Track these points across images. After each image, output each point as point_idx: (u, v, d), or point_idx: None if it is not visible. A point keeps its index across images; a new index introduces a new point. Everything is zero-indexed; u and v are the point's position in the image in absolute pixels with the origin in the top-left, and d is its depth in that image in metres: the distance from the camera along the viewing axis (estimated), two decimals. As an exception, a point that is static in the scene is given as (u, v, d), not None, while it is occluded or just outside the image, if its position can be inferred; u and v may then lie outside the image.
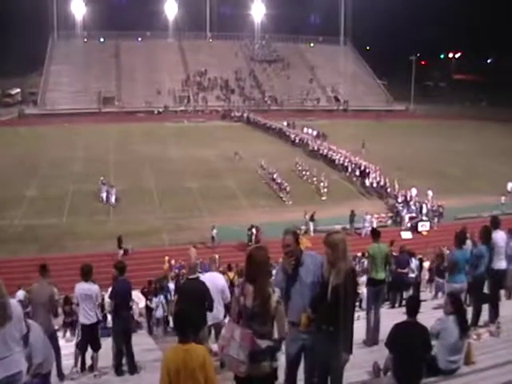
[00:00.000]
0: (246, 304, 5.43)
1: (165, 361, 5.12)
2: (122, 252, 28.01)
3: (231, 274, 16.62)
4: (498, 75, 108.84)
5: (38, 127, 61.39)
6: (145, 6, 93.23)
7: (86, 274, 9.58)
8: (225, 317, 10.18)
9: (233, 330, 5.44)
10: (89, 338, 9.72)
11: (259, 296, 5.35)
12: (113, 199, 35.53)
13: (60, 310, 16.35)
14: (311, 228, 30.65)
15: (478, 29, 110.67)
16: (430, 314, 10.31)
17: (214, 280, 9.82)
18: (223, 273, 17.17)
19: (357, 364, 7.94)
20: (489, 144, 57.13)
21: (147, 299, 17.16)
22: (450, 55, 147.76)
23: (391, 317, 10.16)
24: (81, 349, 9.83)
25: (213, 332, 10.03)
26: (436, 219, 33.87)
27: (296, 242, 6.00)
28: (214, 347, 8.49)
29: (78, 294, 9.62)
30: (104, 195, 35.75)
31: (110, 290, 10.24)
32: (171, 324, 15.53)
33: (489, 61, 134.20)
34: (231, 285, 15.44)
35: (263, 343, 5.35)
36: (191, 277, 9.55)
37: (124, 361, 9.87)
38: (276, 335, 5.48)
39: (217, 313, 9.83)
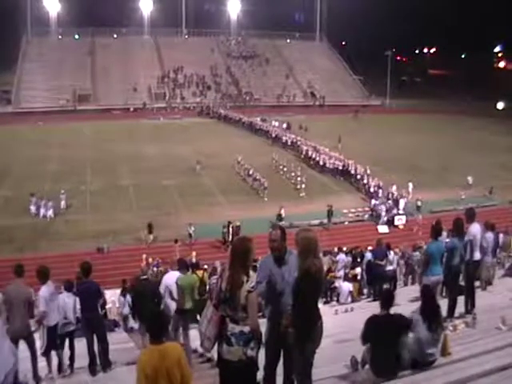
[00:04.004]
0: (221, 287, 5.68)
1: (140, 364, 5.14)
2: (151, 237, 28.93)
3: (200, 272, 15.97)
4: (471, 70, 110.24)
5: (12, 126, 60.39)
6: (120, 2, 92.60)
7: (44, 277, 9.39)
8: None
9: (207, 308, 5.78)
10: (55, 338, 9.57)
11: (230, 282, 5.57)
12: (49, 213, 32.24)
13: (36, 311, 16.18)
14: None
15: (451, 24, 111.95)
16: (408, 306, 10.35)
17: (175, 278, 10.92)
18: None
19: (334, 358, 7.95)
20: (464, 138, 57.83)
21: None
22: (425, 50, 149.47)
23: (371, 310, 10.18)
24: (48, 352, 9.58)
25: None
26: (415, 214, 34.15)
27: (283, 238, 6.09)
28: None
29: (45, 297, 9.31)
30: (33, 208, 32.47)
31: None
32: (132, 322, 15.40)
33: (463, 56, 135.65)
34: (200, 283, 15.14)
35: (236, 328, 5.56)
36: (143, 277, 11.27)
37: (99, 360, 9.78)
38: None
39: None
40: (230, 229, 28.57)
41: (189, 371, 5.23)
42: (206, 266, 18.30)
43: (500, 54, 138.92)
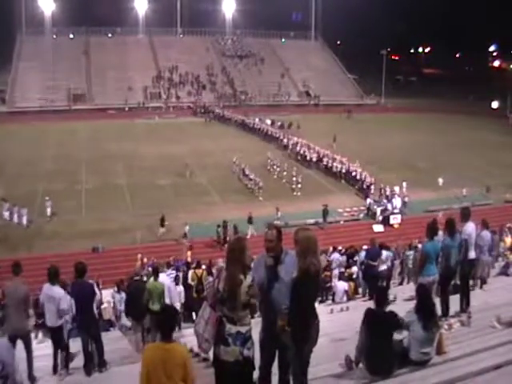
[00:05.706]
0: (218, 288, 5.67)
1: (144, 359, 5.16)
2: (164, 230, 29.51)
3: (199, 271, 16.41)
4: (466, 69, 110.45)
5: (7, 125, 60.18)
6: (115, 1, 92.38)
7: (53, 277, 9.42)
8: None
9: (204, 309, 5.75)
10: (53, 339, 9.64)
11: (228, 282, 5.57)
12: (24, 220, 31.05)
13: (31, 312, 16.12)
14: (249, 232, 28.39)
15: (446, 24, 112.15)
16: (403, 305, 10.36)
17: (164, 280, 12.43)
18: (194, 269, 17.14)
19: (329, 357, 7.95)
20: (459, 137, 57.92)
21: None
22: (420, 50, 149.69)
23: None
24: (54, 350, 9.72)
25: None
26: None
27: (278, 238, 6.03)
28: None
29: (43, 295, 9.46)
30: (7, 214, 31.49)
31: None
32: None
33: (457, 55, 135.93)
34: (199, 282, 15.45)
35: (232, 328, 5.56)
36: (135, 278, 12.42)
37: (94, 360, 9.78)
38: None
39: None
40: (228, 228, 28.53)
41: (192, 375, 5.16)
42: (204, 266, 18.37)
43: (495, 54, 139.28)
